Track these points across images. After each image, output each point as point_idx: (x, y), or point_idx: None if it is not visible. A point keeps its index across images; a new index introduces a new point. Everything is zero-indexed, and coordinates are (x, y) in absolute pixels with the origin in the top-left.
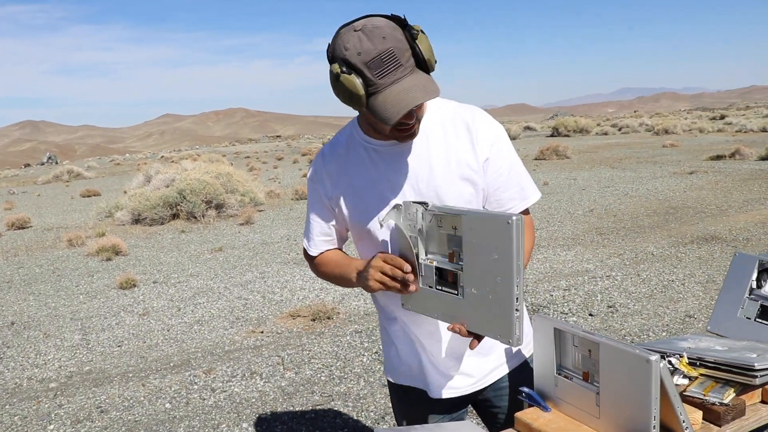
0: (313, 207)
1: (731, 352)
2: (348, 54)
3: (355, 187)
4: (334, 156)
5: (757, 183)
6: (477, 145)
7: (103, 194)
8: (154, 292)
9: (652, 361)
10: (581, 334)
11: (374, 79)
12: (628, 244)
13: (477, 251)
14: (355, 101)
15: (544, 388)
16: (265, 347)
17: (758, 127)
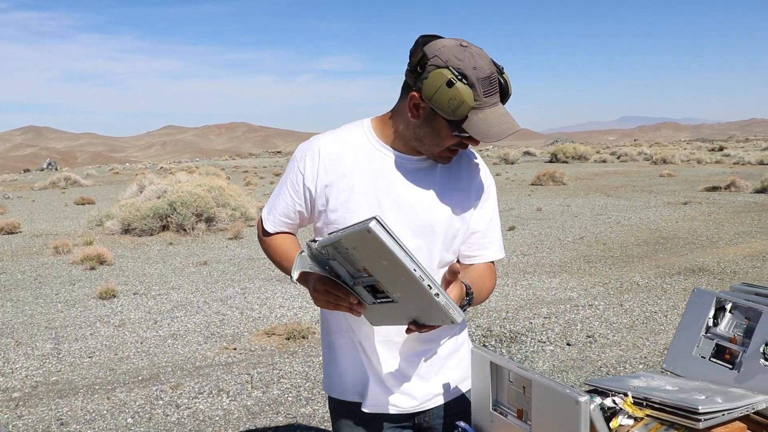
0: (288, 186)
1: (680, 392)
2: (462, 65)
3: (354, 186)
4: (336, 149)
5: (749, 216)
6: (482, 195)
7: (98, 203)
8: (133, 304)
9: (581, 402)
10: (516, 369)
11: (481, 96)
12: (614, 273)
13: (371, 263)
14: (459, 110)
15: (481, 424)
16: (236, 364)
17: (756, 159)
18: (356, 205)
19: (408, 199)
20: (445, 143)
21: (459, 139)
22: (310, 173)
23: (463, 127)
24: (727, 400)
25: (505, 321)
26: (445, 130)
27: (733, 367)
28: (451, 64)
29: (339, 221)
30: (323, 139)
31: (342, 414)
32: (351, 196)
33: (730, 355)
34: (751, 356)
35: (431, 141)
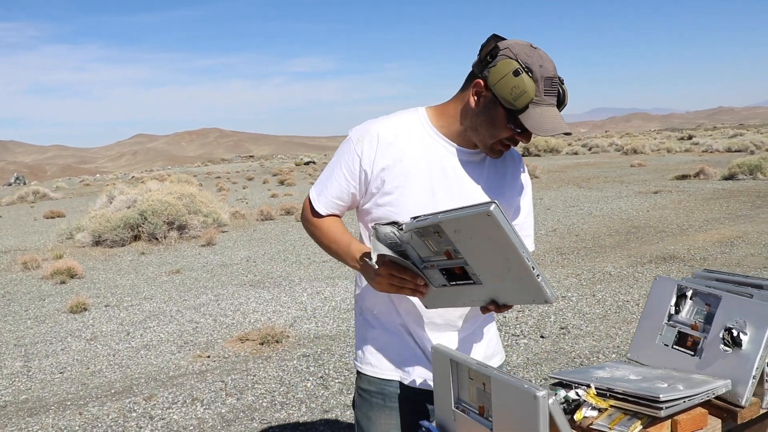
0: (343, 168)
1: (643, 382)
2: (530, 61)
3: (410, 171)
4: (393, 133)
5: (718, 202)
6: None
7: (68, 215)
8: (105, 316)
9: (539, 397)
10: (475, 366)
11: (542, 92)
12: (587, 264)
13: (473, 246)
14: (520, 100)
15: (444, 422)
16: (210, 372)
17: (723, 147)
18: (411, 190)
19: (459, 190)
20: (499, 134)
21: (512, 132)
22: (368, 156)
23: (519, 119)
24: (689, 386)
25: None
26: (502, 120)
27: (695, 354)
28: (520, 58)
29: (392, 203)
30: (381, 123)
31: (375, 391)
32: (406, 181)
33: (692, 341)
34: (711, 342)
35: (486, 131)
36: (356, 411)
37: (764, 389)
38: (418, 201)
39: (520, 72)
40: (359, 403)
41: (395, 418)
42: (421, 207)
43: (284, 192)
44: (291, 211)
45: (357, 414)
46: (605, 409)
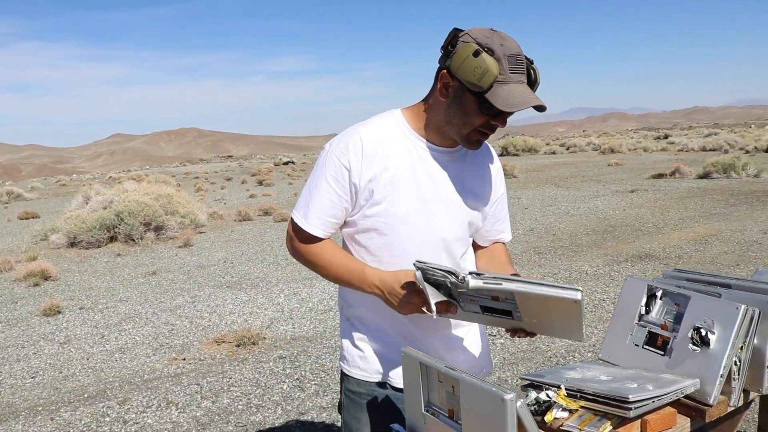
0: (331, 182)
1: (613, 382)
2: (490, 42)
3: (397, 179)
4: (376, 141)
5: (693, 201)
6: (498, 184)
7: (43, 216)
8: (79, 319)
9: (507, 400)
10: (443, 369)
11: (507, 70)
12: (564, 263)
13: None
14: (484, 80)
15: (414, 425)
16: (185, 375)
17: (699, 146)
18: (400, 199)
19: (447, 193)
20: (473, 121)
21: (486, 117)
22: (356, 167)
23: (486, 98)
24: (658, 386)
25: None
26: (473, 106)
27: (665, 353)
28: (479, 40)
29: (381, 214)
30: (362, 132)
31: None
32: (394, 190)
33: (662, 341)
34: (680, 342)
35: (460, 120)
36: (344, 413)
37: (732, 388)
38: (408, 208)
39: (480, 52)
40: (347, 404)
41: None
42: (412, 214)
43: (263, 192)
44: (269, 211)
45: (345, 416)
46: (575, 410)
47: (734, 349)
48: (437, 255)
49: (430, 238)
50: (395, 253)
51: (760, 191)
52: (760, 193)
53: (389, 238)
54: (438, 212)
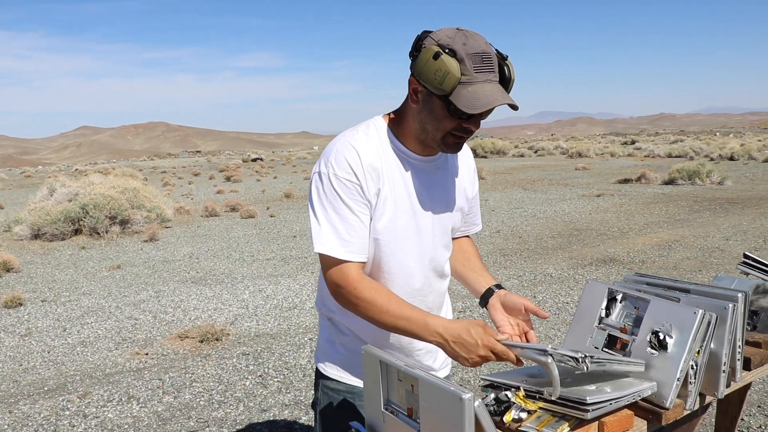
0: (350, 203)
1: (572, 384)
2: (452, 42)
3: (393, 195)
4: (374, 156)
5: (658, 206)
6: (474, 180)
7: (7, 207)
8: (41, 312)
9: (465, 400)
10: (403, 368)
11: (471, 70)
12: (529, 265)
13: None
14: (446, 82)
15: (374, 423)
16: (147, 370)
17: (665, 152)
18: (397, 214)
19: (434, 202)
20: (444, 126)
21: (457, 121)
22: (363, 182)
23: (452, 101)
24: (616, 389)
25: None
26: (441, 111)
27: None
28: (441, 41)
29: (383, 230)
30: (357, 147)
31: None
32: (393, 205)
33: (621, 344)
34: (639, 345)
35: (432, 126)
36: (319, 410)
37: (688, 391)
38: (405, 222)
39: (440, 54)
40: (324, 401)
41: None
42: (408, 228)
43: (230, 188)
44: (236, 207)
45: (322, 413)
46: (534, 411)
47: (691, 353)
48: (426, 265)
49: (423, 249)
50: (392, 266)
51: (723, 198)
52: (723, 201)
53: (389, 252)
54: (427, 224)
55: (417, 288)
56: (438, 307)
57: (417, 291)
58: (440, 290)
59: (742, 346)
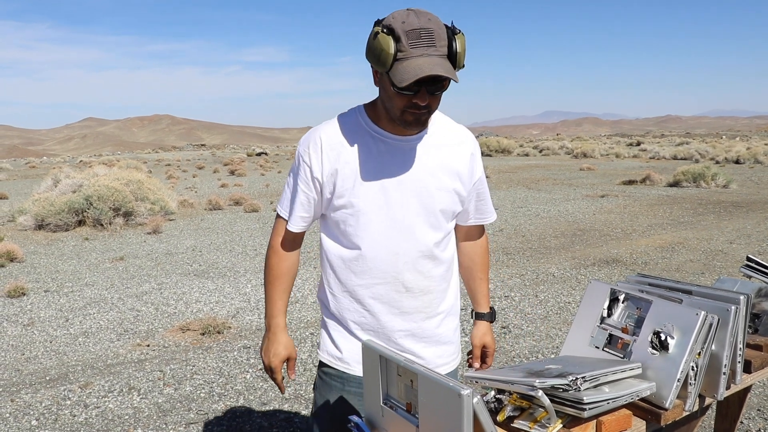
0: (300, 182)
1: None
2: (393, 21)
3: (357, 172)
4: (336, 138)
5: (662, 208)
6: (473, 166)
7: (11, 197)
8: (44, 302)
9: (464, 396)
10: (402, 363)
11: (407, 46)
12: (531, 264)
13: None
14: (382, 60)
15: (373, 418)
16: (148, 361)
17: (670, 154)
18: (362, 190)
19: (408, 180)
20: (397, 103)
21: (406, 97)
22: (317, 164)
23: (390, 76)
24: (614, 388)
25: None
26: (390, 88)
27: (624, 356)
28: (384, 22)
29: (346, 206)
30: (323, 129)
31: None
32: (356, 182)
33: (621, 344)
34: (640, 345)
35: (389, 104)
36: (315, 392)
37: (688, 392)
38: (370, 199)
39: (378, 33)
40: (320, 384)
41: (349, 403)
42: (374, 204)
43: (234, 182)
44: (240, 201)
45: (316, 395)
46: (527, 408)
47: (692, 354)
48: (406, 242)
49: (397, 226)
50: (365, 241)
51: (728, 202)
52: (728, 204)
53: (356, 229)
54: (400, 200)
55: (390, 261)
56: (425, 290)
57: (390, 265)
58: (428, 272)
59: (743, 348)
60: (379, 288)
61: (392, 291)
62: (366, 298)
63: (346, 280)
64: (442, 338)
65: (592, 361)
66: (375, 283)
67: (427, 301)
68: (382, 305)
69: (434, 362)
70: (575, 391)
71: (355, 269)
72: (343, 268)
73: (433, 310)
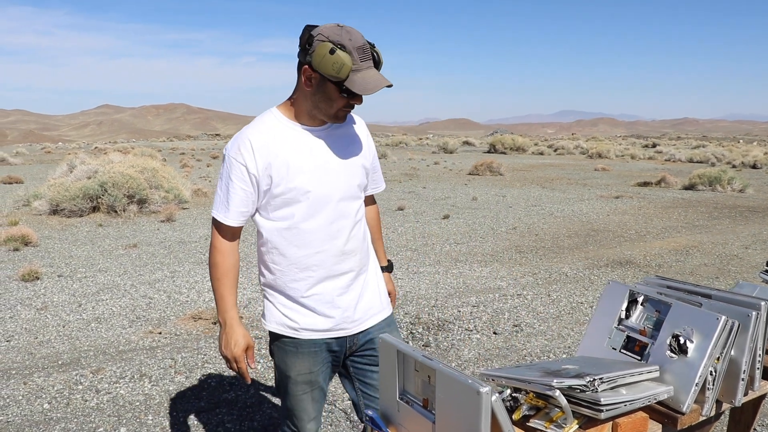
0: (235, 181)
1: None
2: (341, 39)
3: (290, 160)
4: (264, 137)
5: (677, 211)
6: (371, 146)
7: (27, 182)
8: (58, 286)
9: (483, 393)
10: (420, 358)
11: (358, 60)
12: (544, 263)
13: None
14: (341, 71)
15: (388, 412)
16: (160, 349)
17: (686, 157)
18: (294, 176)
19: (329, 161)
20: (336, 104)
21: (346, 100)
22: (251, 161)
23: (345, 86)
24: (631, 391)
25: (433, 309)
26: (335, 93)
27: (642, 359)
28: (332, 38)
29: (285, 192)
30: (248, 133)
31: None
32: (288, 171)
33: (639, 347)
34: (658, 348)
35: (326, 104)
36: (274, 358)
37: (705, 397)
38: (303, 180)
39: (335, 49)
40: (276, 350)
41: (307, 361)
42: (307, 184)
43: None
44: None
45: (276, 360)
46: (543, 408)
47: (711, 359)
48: (338, 212)
49: (327, 200)
50: (307, 216)
51: (743, 206)
52: (743, 208)
53: (296, 208)
54: (326, 178)
55: (328, 232)
56: (355, 251)
57: (327, 234)
58: (357, 236)
59: (762, 354)
60: (320, 255)
61: (330, 256)
62: (310, 266)
63: (290, 254)
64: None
65: (609, 363)
66: (315, 252)
67: (358, 260)
68: (323, 270)
69: (368, 312)
70: (592, 392)
71: (297, 243)
72: (286, 244)
73: (362, 267)
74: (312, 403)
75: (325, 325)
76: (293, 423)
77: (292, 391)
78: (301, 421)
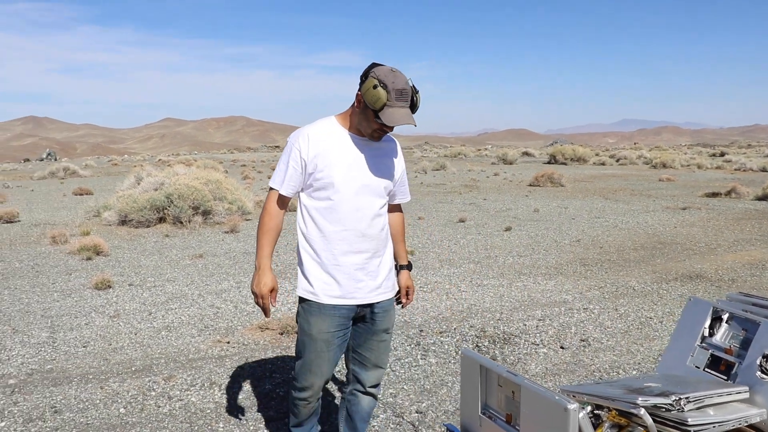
0: (290, 161)
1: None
2: (385, 80)
3: (332, 156)
4: (319, 134)
5: (749, 223)
6: (401, 161)
7: (96, 193)
8: (128, 295)
9: (570, 410)
10: (505, 374)
11: (393, 99)
12: (610, 277)
13: None
14: (377, 103)
15: (469, 426)
16: (228, 358)
17: (758, 166)
18: (335, 168)
19: (365, 164)
20: (372, 126)
21: (380, 125)
22: (305, 149)
23: (379, 115)
24: (720, 412)
25: (498, 322)
26: (371, 118)
27: (729, 378)
28: (379, 77)
29: (324, 177)
30: (309, 128)
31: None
32: (331, 162)
33: (725, 366)
34: (747, 368)
35: (365, 124)
36: (299, 319)
37: None
38: (342, 173)
39: (378, 86)
40: (301, 312)
41: (326, 322)
42: (345, 176)
43: None
44: None
45: (299, 320)
46: (625, 426)
47: None
48: (363, 201)
49: (358, 191)
50: (339, 200)
51: None
52: None
53: (331, 192)
54: (360, 176)
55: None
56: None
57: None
58: (376, 225)
59: None
60: (345, 233)
61: (353, 235)
62: (337, 240)
63: (324, 227)
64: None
65: (694, 381)
66: (343, 229)
67: (374, 245)
68: (346, 245)
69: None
70: (678, 411)
71: (330, 219)
72: (321, 219)
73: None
74: (327, 363)
75: (342, 292)
76: (305, 379)
77: (312, 347)
78: (314, 376)
